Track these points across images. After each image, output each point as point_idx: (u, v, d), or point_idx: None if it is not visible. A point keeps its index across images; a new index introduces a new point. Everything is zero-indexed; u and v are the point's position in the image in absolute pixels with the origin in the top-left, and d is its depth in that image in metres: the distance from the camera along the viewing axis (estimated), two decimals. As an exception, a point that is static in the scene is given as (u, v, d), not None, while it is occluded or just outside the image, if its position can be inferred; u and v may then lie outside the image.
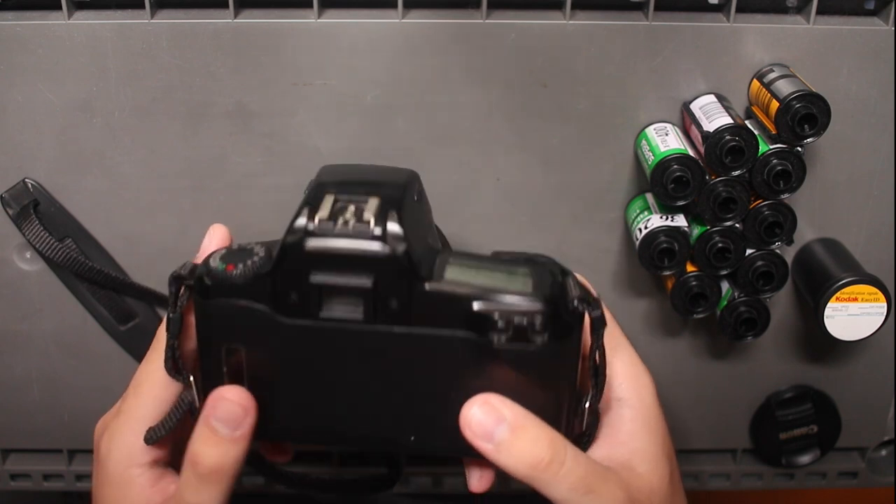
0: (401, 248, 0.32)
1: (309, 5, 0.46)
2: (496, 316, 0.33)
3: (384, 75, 0.48)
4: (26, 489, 0.59)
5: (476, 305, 0.33)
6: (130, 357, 0.55)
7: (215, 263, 0.35)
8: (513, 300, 0.33)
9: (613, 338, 0.39)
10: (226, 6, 0.46)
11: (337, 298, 0.33)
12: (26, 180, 0.50)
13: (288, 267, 0.33)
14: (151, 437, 0.36)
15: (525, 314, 0.33)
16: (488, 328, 0.33)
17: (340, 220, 0.33)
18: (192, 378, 0.36)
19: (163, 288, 0.53)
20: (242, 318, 0.34)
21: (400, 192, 0.34)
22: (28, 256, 0.52)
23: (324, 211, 0.33)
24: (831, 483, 0.61)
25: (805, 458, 0.59)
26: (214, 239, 0.39)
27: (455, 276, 0.34)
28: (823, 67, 0.48)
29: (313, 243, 0.33)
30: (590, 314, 0.34)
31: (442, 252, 0.35)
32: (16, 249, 0.52)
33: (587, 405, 0.36)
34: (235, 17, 0.46)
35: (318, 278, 0.33)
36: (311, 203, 0.33)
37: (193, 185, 0.50)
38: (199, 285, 0.35)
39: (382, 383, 0.35)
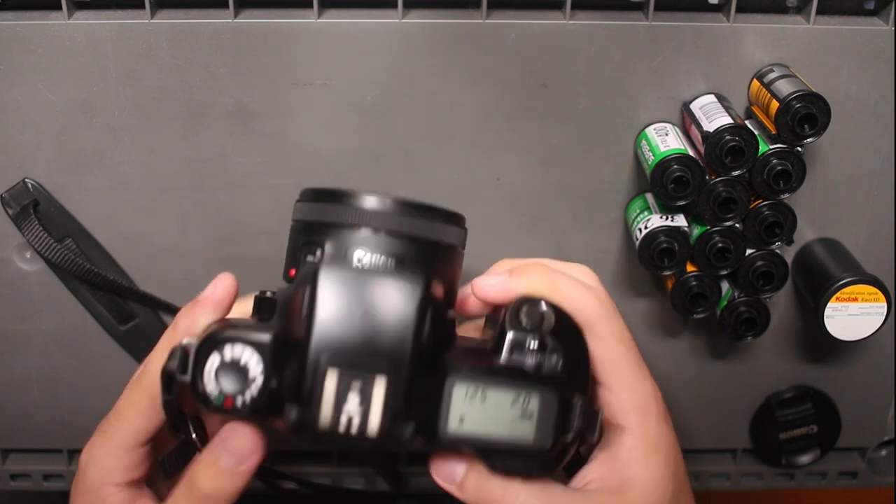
0: (405, 438, 0.32)
1: (309, 5, 0.46)
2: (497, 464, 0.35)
3: (384, 75, 0.48)
4: (26, 489, 0.59)
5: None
6: (130, 357, 0.55)
7: (211, 388, 0.33)
8: (515, 463, 0.35)
9: (619, 352, 0.37)
10: (226, 6, 0.46)
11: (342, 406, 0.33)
12: (26, 180, 0.50)
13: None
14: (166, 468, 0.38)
15: (525, 462, 0.35)
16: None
17: (344, 420, 0.32)
18: (193, 434, 0.37)
19: (162, 289, 0.53)
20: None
21: (405, 363, 0.32)
22: (28, 256, 0.52)
23: (325, 409, 0.32)
24: (831, 483, 0.61)
25: (805, 458, 0.59)
26: (219, 291, 0.37)
27: (458, 424, 0.34)
28: (823, 67, 0.48)
29: (316, 441, 0.33)
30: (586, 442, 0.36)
31: (450, 369, 0.34)
32: (16, 249, 0.52)
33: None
34: (235, 17, 0.46)
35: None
36: (307, 389, 0.32)
37: (193, 185, 0.50)
38: (195, 394, 0.33)
39: None
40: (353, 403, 0.32)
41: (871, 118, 0.49)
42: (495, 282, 0.37)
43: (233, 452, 0.35)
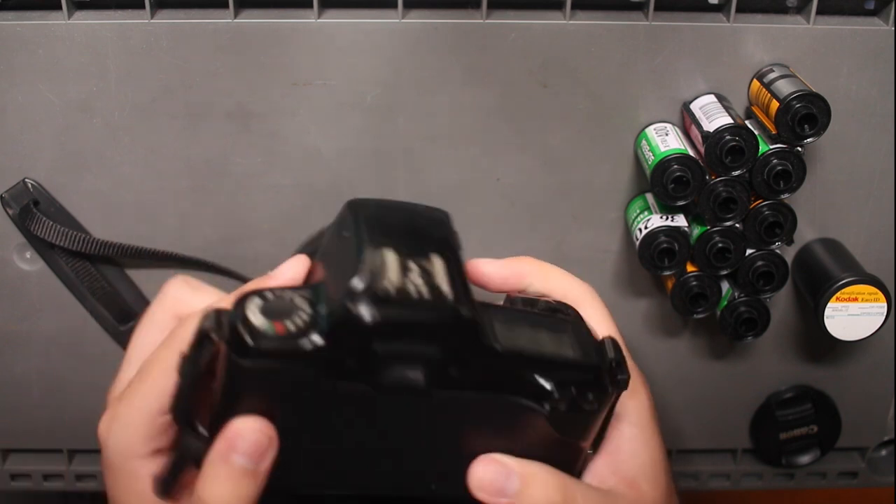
0: (471, 316, 0.31)
1: (309, 5, 0.46)
2: (553, 387, 0.33)
3: (384, 75, 0.48)
4: (26, 489, 0.59)
5: (536, 376, 0.33)
6: (130, 357, 0.55)
7: (258, 321, 0.30)
8: (569, 375, 0.33)
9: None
10: (226, 6, 0.46)
11: (399, 366, 0.31)
12: (26, 180, 0.50)
13: (350, 332, 0.30)
14: (165, 486, 0.34)
15: (579, 386, 0.33)
16: (544, 397, 0.33)
17: (412, 288, 0.30)
18: (200, 428, 0.33)
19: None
20: (282, 380, 0.31)
21: (458, 250, 0.33)
22: (28, 256, 0.52)
23: (392, 274, 0.30)
24: (831, 483, 0.61)
25: (805, 458, 0.59)
26: (290, 272, 0.35)
27: (510, 340, 0.33)
28: (823, 67, 0.48)
29: (384, 312, 0.30)
30: (618, 375, 0.34)
31: (481, 306, 0.33)
32: (16, 249, 0.52)
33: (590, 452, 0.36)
34: (235, 17, 0.46)
35: (383, 347, 0.30)
36: (369, 261, 0.30)
37: (193, 185, 0.50)
38: (236, 342, 0.30)
39: (417, 441, 0.34)
40: (415, 275, 0.30)
41: (871, 118, 0.49)
42: (493, 263, 0.38)
43: (246, 449, 0.31)
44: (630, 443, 0.37)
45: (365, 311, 0.29)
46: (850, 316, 0.49)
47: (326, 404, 0.32)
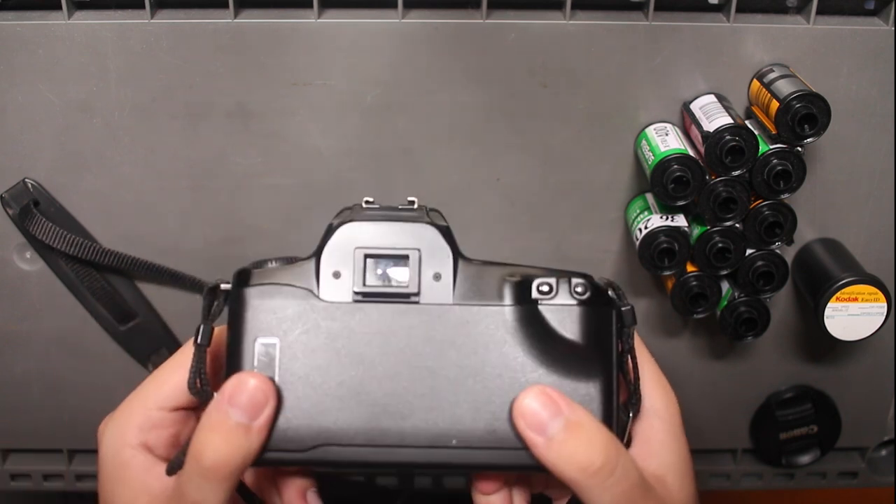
0: (443, 223, 0.34)
1: (309, 5, 0.46)
2: (539, 282, 0.34)
3: (384, 75, 0.48)
4: (26, 489, 0.59)
5: (519, 276, 0.35)
6: (130, 357, 0.55)
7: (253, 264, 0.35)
8: (550, 272, 0.35)
9: (637, 345, 0.38)
10: (226, 6, 0.46)
11: (382, 270, 0.34)
12: (26, 180, 0.50)
13: (335, 241, 0.34)
14: (174, 466, 0.34)
15: (565, 279, 0.35)
16: (531, 292, 0.34)
17: (387, 204, 0.35)
18: (215, 394, 0.33)
19: (162, 289, 0.53)
20: (282, 303, 0.34)
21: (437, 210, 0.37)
22: (28, 256, 0.52)
23: (369, 200, 0.36)
24: (831, 483, 0.61)
25: (805, 458, 0.59)
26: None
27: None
28: (823, 67, 0.48)
29: (363, 214, 0.34)
30: (620, 301, 0.35)
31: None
32: (16, 249, 0.52)
33: (629, 413, 0.36)
34: (235, 17, 0.46)
35: (365, 248, 0.34)
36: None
37: (193, 185, 0.50)
38: (237, 275, 0.34)
39: (425, 372, 0.34)
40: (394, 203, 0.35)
41: (871, 118, 0.49)
42: None
43: (244, 405, 0.31)
44: (660, 434, 0.36)
45: (342, 220, 0.34)
46: (850, 316, 0.49)
47: (330, 338, 0.34)
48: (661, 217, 0.48)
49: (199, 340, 0.34)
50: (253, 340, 0.34)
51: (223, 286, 0.35)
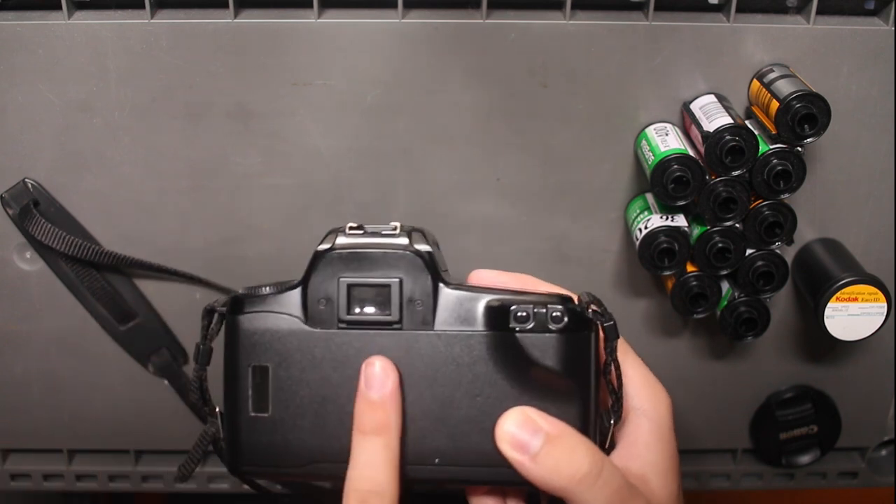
0: (425, 249, 0.36)
1: (309, 5, 0.46)
2: (516, 308, 0.35)
3: (384, 75, 0.48)
4: (26, 489, 0.59)
5: (498, 301, 0.36)
6: (130, 357, 0.55)
7: (247, 290, 0.37)
8: (529, 297, 0.36)
9: (623, 349, 0.39)
10: (226, 6, 0.46)
11: (365, 298, 0.35)
12: (26, 180, 0.50)
13: (320, 271, 0.36)
14: (183, 475, 0.37)
15: (543, 306, 0.35)
16: (509, 320, 0.35)
17: (370, 229, 0.37)
18: (217, 409, 0.38)
19: (162, 289, 0.53)
20: (272, 331, 0.36)
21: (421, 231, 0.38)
22: (28, 256, 0.52)
23: (352, 225, 0.37)
24: (831, 483, 0.61)
25: (805, 458, 0.59)
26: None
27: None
28: (823, 67, 0.48)
29: (344, 241, 0.36)
30: (602, 322, 0.36)
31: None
32: (16, 249, 0.52)
33: (611, 420, 0.37)
34: (235, 17, 0.46)
35: (348, 278, 0.36)
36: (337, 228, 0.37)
37: (193, 185, 0.50)
38: (231, 302, 0.37)
39: (410, 396, 0.36)
40: (376, 227, 0.37)
41: (871, 118, 0.49)
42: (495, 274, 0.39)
43: (372, 384, 0.35)
44: (646, 435, 0.37)
45: (326, 248, 0.36)
46: (850, 316, 0.49)
47: (317, 364, 0.36)
48: (661, 217, 0.48)
49: (199, 360, 0.37)
50: (247, 366, 0.36)
51: (219, 309, 0.37)
